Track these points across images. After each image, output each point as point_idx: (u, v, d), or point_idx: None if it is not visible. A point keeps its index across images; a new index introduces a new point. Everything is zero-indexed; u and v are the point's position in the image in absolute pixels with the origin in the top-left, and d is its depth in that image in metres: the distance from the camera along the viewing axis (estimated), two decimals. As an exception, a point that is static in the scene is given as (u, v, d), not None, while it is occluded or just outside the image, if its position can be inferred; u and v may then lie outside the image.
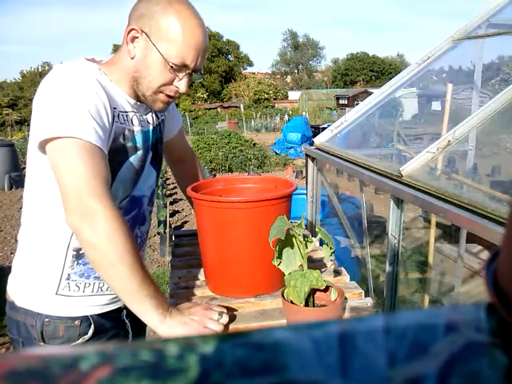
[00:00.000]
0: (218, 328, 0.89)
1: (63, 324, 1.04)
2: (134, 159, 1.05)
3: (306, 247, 0.92)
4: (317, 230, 0.99)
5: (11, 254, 4.48)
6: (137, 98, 1.06)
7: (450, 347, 0.19)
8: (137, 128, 1.06)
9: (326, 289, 0.94)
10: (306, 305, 0.90)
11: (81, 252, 1.03)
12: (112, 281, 0.87)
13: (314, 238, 0.97)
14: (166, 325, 0.87)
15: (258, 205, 1.00)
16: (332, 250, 0.96)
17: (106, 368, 0.18)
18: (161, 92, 1.01)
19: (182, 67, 0.98)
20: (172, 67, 0.97)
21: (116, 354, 0.19)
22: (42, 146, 0.91)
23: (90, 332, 1.06)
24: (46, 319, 1.03)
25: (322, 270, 1.20)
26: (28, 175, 1.03)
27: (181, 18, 0.94)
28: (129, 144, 1.03)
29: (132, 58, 0.99)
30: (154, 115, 1.15)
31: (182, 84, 1.01)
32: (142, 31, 0.96)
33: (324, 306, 0.93)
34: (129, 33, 0.97)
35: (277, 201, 1.02)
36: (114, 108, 1.00)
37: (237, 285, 1.04)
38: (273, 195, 1.04)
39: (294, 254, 0.92)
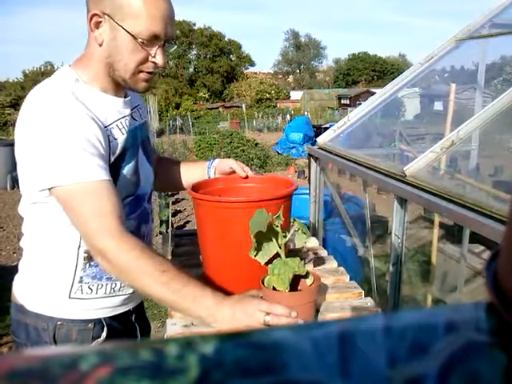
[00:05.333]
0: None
1: (76, 327, 1.03)
2: (128, 160, 1.04)
3: (285, 237, 0.96)
4: (291, 220, 1.04)
5: (14, 253, 4.48)
6: (117, 87, 1.03)
7: (450, 347, 0.19)
8: (126, 129, 1.05)
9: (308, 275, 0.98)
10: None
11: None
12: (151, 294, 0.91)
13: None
14: (217, 322, 0.87)
15: (258, 205, 0.99)
16: (307, 236, 1.03)
17: (106, 368, 0.18)
18: (140, 71, 0.98)
19: (154, 40, 0.95)
20: (143, 43, 0.94)
21: (116, 353, 0.19)
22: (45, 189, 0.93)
23: (103, 335, 1.06)
24: (59, 322, 1.02)
25: (321, 268, 1.20)
26: (23, 188, 0.99)
27: None
28: (123, 149, 1.03)
29: (100, 45, 0.95)
30: (139, 113, 1.14)
31: (158, 58, 0.97)
32: (104, 13, 0.92)
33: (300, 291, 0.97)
34: (91, 19, 0.93)
35: (277, 201, 1.02)
36: (106, 127, 0.98)
37: (237, 284, 1.04)
38: (273, 195, 1.03)
39: (272, 244, 0.96)
